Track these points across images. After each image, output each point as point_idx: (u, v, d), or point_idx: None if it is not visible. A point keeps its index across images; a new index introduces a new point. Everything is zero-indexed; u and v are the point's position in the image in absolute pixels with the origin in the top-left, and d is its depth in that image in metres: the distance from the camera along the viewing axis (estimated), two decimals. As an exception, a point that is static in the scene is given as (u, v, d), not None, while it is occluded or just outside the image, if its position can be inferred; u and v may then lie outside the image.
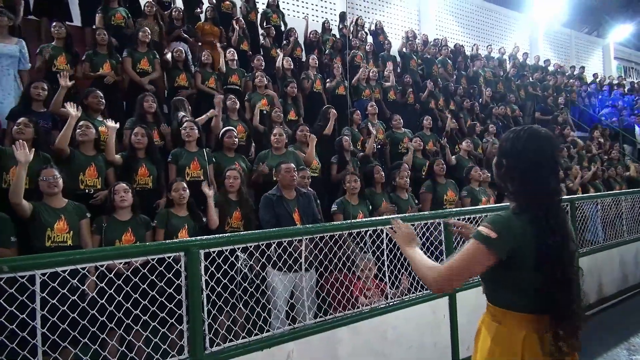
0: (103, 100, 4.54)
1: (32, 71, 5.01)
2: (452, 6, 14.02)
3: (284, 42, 7.94)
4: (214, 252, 2.55)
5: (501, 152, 1.62)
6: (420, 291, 3.51)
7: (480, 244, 1.50)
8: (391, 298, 3.35)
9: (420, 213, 4.58)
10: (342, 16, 9.75)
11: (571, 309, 1.51)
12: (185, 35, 6.83)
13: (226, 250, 2.62)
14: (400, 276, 3.41)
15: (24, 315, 2.01)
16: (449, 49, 10.68)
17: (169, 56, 6.04)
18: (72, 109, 3.81)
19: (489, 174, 5.91)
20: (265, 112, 5.80)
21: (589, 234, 5.62)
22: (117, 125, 4.20)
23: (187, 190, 3.73)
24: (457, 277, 1.53)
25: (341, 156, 5.46)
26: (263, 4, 8.86)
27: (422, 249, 1.80)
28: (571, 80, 13.17)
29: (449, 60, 10.23)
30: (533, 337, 1.52)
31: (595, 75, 15.00)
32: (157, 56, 5.85)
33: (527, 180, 1.53)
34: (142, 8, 6.55)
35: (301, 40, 8.38)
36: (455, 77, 10.05)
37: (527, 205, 1.53)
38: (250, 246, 2.80)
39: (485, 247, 1.50)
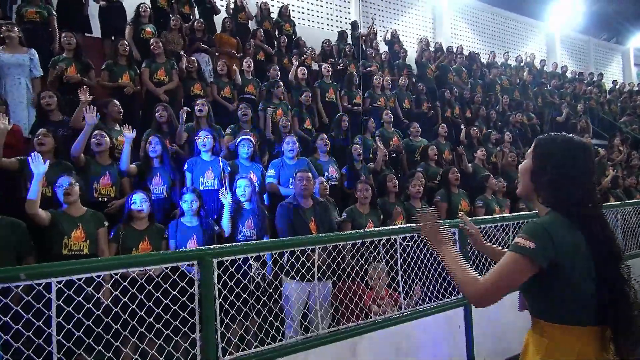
0: (121, 110, 4.63)
1: (45, 83, 5.09)
2: (467, 14, 13.98)
3: (295, 50, 8.00)
4: (227, 260, 2.56)
5: (545, 158, 1.54)
6: (434, 301, 3.47)
7: (518, 256, 1.44)
8: (405, 308, 3.32)
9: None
10: (354, 25, 9.80)
11: (631, 317, 1.43)
12: (205, 46, 6.95)
13: (239, 259, 2.63)
14: (414, 286, 3.38)
15: (39, 323, 2.04)
16: (464, 57, 10.63)
17: (183, 66, 6.13)
18: (89, 114, 3.87)
19: (505, 183, 5.84)
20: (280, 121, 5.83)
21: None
22: (134, 134, 4.26)
23: (198, 202, 3.74)
24: (497, 291, 1.46)
25: (352, 166, 5.46)
26: (274, 12, 8.98)
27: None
28: (590, 88, 12.99)
29: (464, 69, 10.18)
30: (588, 351, 1.45)
31: (614, 82, 14.77)
32: (176, 66, 5.94)
33: (574, 187, 1.48)
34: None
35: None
36: (470, 85, 10.00)
37: (572, 212, 1.47)
38: (264, 255, 2.80)
39: (523, 258, 1.43)
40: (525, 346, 1.60)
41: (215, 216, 3.95)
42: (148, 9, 6.54)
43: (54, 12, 5.85)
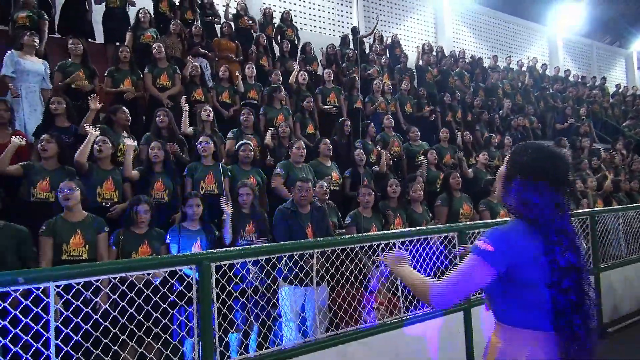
0: (129, 117, 4.67)
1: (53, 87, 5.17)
2: (469, 18, 14.00)
3: (300, 56, 8.04)
4: (225, 264, 2.57)
5: (516, 166, 1.57)
6: (434, 306, 3.46)
7: (477, 257, 1.49)
8: (404, 312, 3.32)
9: (436, 226, 4.54)
10: (354, 30, 9.84)
11: (583, 329, 1.46)
12: (203, 51, 6.99)
13: (237, 263, 2.65)
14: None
15: (38, 327, 2.06)
16: (466, 61, 10.65)
17: (186, 72, 6.17)
18: (91, 130, 3.93)
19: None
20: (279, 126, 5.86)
21: (611, 247, 5.49)
22: (135, 143, 4.30)
23: (201, 206, 3.77)
24: (455, 292, 1.50)
25: (355, 170, 5.48)
26: (276, 18, 9.04)
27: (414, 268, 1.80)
28: (593, 91, 12.96)
29: (465, 73, 10.19)
30: (538, 355, 1.48)
31: (617, 86, 14.74)
32: (178, 71, 5.99)
33: (538, 195, 1.50)
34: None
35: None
36: (472, 89, 10.00)
37: (535, 221, 1.50)
38: (262, 259, 2.82)
39: (482, 260, 1.48)
40: (488, 348, 1.65)
41: (216, 220, 3.96)
42: (148, 14, 6.56)
43: (46, 17, 5.87)
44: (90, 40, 6.58)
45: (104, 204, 3.95)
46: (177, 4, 7.67)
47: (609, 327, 4.83)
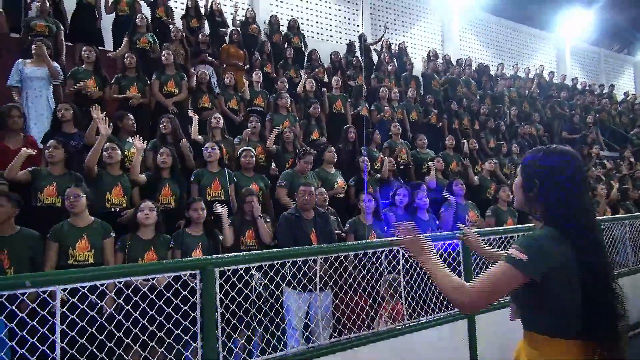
0: (135, 124, 4.73)
1: (63, 93, 5.24)
2: (476, 26, 14.03)
3: (307, 63, 8.09)
4: (229, 270, 2.59)
5: (532, 172, 1.57)
6: (437, 313, 3.46)
7: (511, 266, 1.46)
8: (407, 319, 3.32)
9: (439, 233, 4.54)
10: (361, 38, 9.90)
11: (617, 331, 1.45)
12: (210, 58, 7.05)
13: (241, 268, 2.67)
14: (416, 297, 3.38)
15: (44, 330, 2.08)
16: (473, 69, 10.65)
17: (193, 78, 6.23)
18: (102, 126, 3.97)
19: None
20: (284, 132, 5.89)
21: (618, 256, 5.45)
22: (145, 144, 4.36)
23: (205, 210, 3.80)
24: (485, 297, 1.48)
25: (359, 177, 5.49)
26: (283, 25, 9.11)
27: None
28: (600, 99, 12.90)
29: (472, 81, 10.20)
30: None
31: (626, 94, 14.67)
32: (185, 78, 6.06)
33: (562, 200, 1.49)
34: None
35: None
36: (479, 96, 10.01)
37: (562, 225, 1.49)
38: (265, 265, 2.83)
39: (515, 269, 1.45)
40: (516, 357, 1.62)
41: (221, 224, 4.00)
42: (145, 19, 6.61)
43: (62, 27, 6.00)
44: (100, 48, 6.66)
45: (112, 209, 3.99)
46: (184, 12, 7.76)
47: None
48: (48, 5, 5.96)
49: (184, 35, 6.93)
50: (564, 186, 1.50)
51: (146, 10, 7.11)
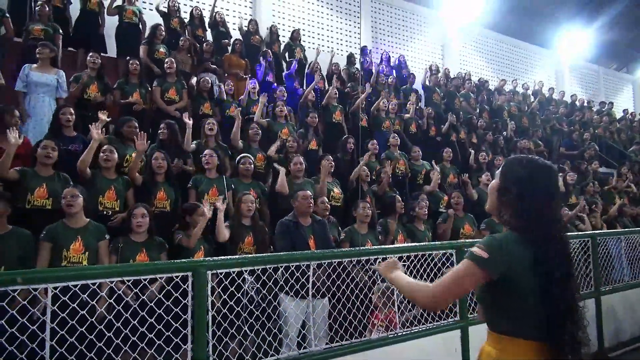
0: (137, 130, 4.75)
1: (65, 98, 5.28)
2: (476, 42, 14.14)
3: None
4: (221, 273, 2.60)
5: (511, 178, 1.62)
6: (431, 322, 3.45)
7: (471, 263, 1.52)
8: (400, 328, 3.31)
9: (433, 243, 4.55)
10: (363, 50, 9.98)
11: (574, 338, 1.49)
12: (213, 66, 7.12)
13: (234, 272, 2.67)
14: (409, 305, 3.38)
15: (34, 327, 2.08)
16: (473, 84, 10.74)
17: (194, 83, 6.29)
18: (95, 131, 3.98)
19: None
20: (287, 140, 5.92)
21: (614, 271, 5.44)
22: (147, 145, 4.39)
23: (205, 216, 3.81)
24: (447, 294, 1.54)
25: (357, 187, 5.50)
26: (283, 36, 9.18)
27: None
28: (599, 116, 12.96)
29: (472, 95, 10.26)
30: None
31: (625, 111, 14.74)
32: (186, 86, 6.12)
33: (535, 209, 1.54)
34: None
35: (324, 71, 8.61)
36: (478, 110, 10.06)
37: (530, 232, 1.53)
38: (258, 269, 2.83)
39: (476, 265, 1.51)
40: (479, 356, 1.66)
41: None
42: (164, 32, 6.77)
43: (60, 32, 6.05)
44: (102, 54, 6.73)
45: (105, 212, 3.99)
46: (188, 21, 7.85)
47: (610, 352, 4.76)
48: (47, 9, 6.03)
49: (193, 43, 7.02)
50: (539, 196, 1.56)
51: (149, 20, 7.18)
